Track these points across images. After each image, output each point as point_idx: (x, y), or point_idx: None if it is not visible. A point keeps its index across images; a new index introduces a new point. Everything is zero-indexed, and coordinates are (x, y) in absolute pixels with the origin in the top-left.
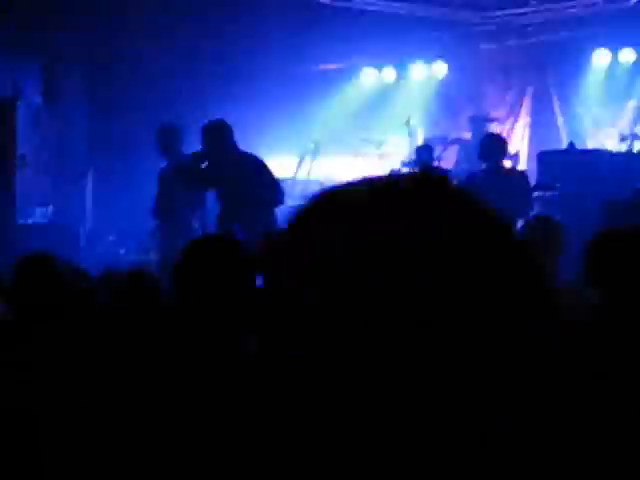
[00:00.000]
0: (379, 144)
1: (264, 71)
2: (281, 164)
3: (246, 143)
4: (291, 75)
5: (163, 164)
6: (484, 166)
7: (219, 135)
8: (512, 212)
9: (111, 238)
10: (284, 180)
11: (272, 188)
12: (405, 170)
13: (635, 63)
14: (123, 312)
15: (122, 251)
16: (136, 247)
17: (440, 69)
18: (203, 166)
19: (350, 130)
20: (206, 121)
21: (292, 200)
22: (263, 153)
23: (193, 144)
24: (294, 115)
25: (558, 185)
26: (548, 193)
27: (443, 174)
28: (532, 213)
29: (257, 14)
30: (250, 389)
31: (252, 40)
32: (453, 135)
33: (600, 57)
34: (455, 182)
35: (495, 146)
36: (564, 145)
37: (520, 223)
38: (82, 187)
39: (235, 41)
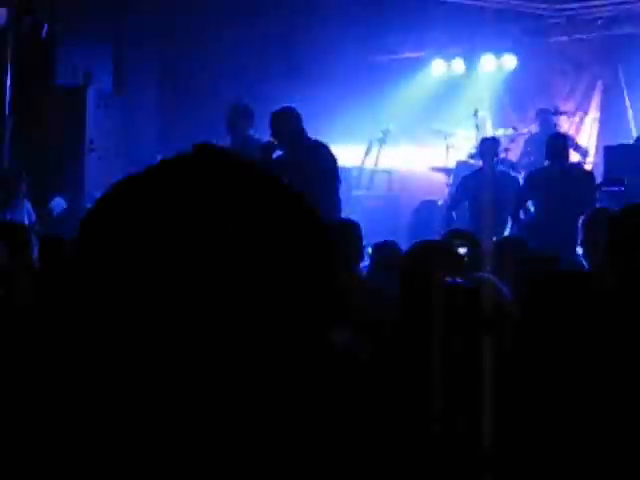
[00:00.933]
0: (447, 135)
1: (335, 59)
2: (349, 152)
3: (316, 130)
4: (361, 64)
5: (227, 142)
6: (548, 163)
7: (286, 122)
8: (576, 209)
9: None
10: (351, 168)
11: (332, 176)
12: (472, 162)
13: None
14: None
15: None
16: None
17: (510, 61)
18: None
19: (419, 120)
20: (276, 108)
21: (358, 189)
22: (332, 140)
23: (263, 129)
24: (364, 104)
25: (624, 181)
26: (613, 188)
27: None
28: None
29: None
30: None
31: (325, 27)
32: (521, 128)
33: None
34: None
35: (561, 146)
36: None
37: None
38: None
39: (309, 28)
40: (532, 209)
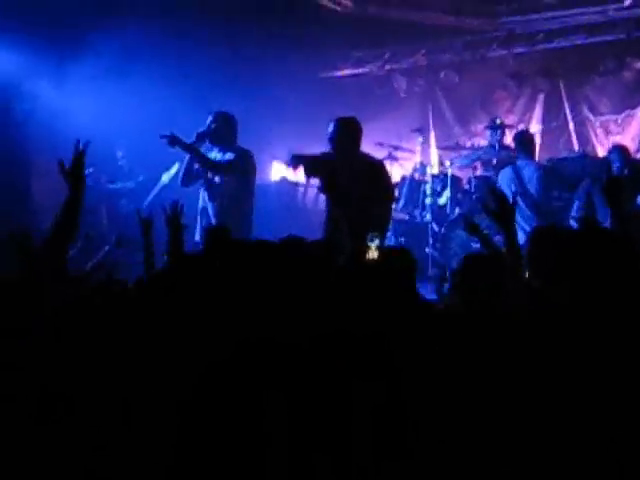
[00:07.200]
0: (391, 150)
1: (282, 78)
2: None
3: (268, 150)
4: (307, 81)
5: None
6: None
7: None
8: None
9: None
10: (298, 183)
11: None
12: (416, 176)
13: None
14: None
15: None
16: None
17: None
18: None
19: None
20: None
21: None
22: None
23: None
24: (303, 118)
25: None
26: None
27: None
28: None
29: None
30: None
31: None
32: (465, 142)
33: (608, 64)
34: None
35: None
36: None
37: None
38: None
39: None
40: None
